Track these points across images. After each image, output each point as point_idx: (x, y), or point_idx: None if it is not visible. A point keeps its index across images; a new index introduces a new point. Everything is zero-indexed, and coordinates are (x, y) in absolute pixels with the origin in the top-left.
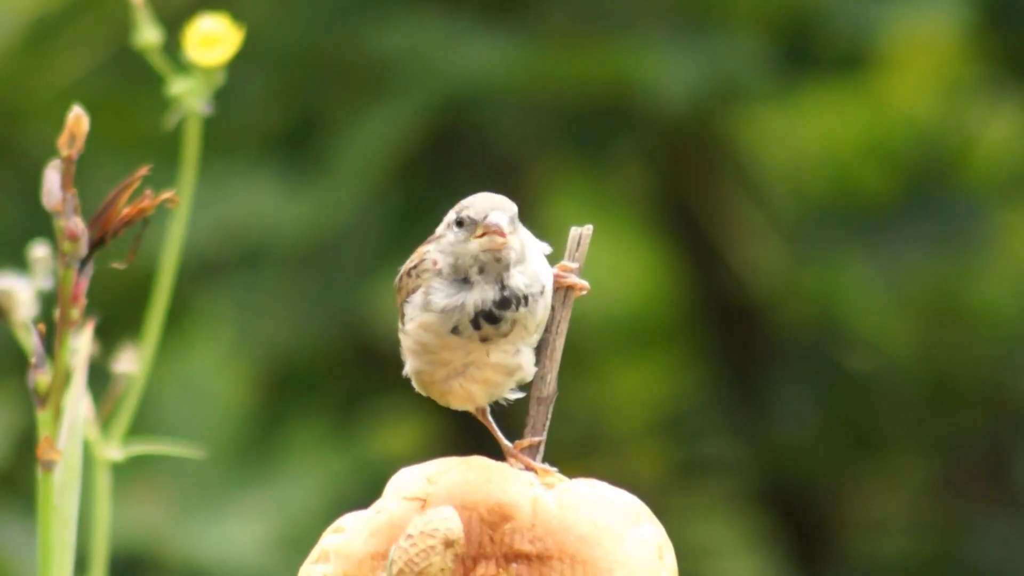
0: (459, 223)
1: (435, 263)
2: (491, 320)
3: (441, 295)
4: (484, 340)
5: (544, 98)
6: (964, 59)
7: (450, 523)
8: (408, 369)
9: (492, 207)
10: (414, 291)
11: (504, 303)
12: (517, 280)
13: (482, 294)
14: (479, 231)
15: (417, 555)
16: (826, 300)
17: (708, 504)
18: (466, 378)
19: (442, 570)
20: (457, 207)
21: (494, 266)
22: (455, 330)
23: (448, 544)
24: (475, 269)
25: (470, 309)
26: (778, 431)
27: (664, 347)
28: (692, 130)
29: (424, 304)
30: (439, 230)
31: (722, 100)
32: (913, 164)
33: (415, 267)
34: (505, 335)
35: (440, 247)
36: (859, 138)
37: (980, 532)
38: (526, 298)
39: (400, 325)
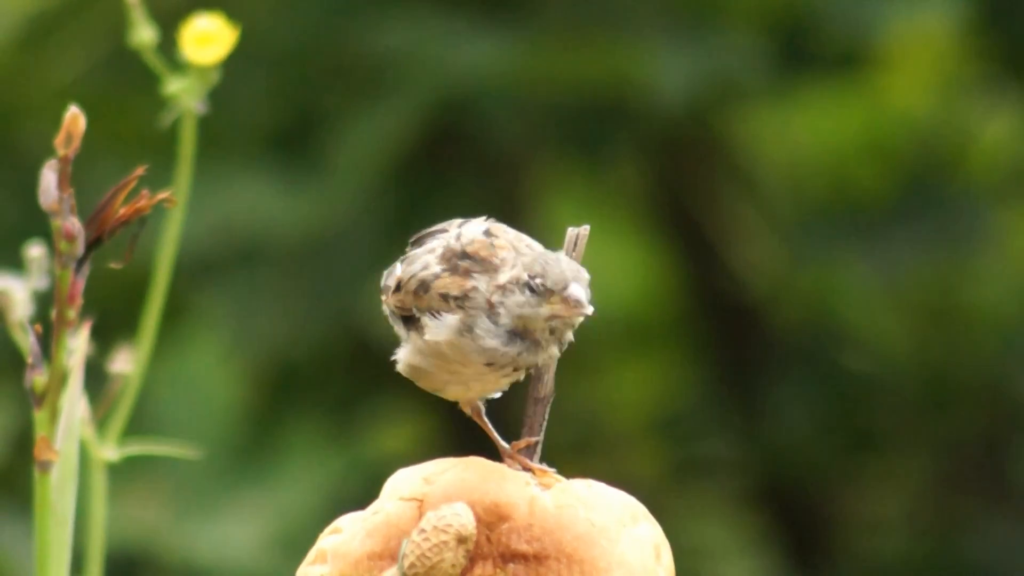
0: (532, 289)
1: (492, 307)
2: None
3: (493, 339)
4: (505, 377)
5: (541, 97)
6: (961, 57)
7: (463, 519)
8: (404, 358)
9: (571, 277)
10: (447, 312)
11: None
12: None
13: (538, 355)
14: (555, 299)
15: (430, 550)
16: (823, 299)
17: (705, 504)
18: (466, 387)
19: (453, 566)
20: (529, 270)
21: (563, 330)
22: (490, 364)
23: (461, 540)
24: (544, 331)
25: (518, 359)
26: (775, 430)
27: (661, 346)
28: (689, 129)
29: (463, 329)
30: (501, 274)
31: (719, 98)
32: (910, 163)
33: (457, 298)
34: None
35: (505, 301)
36: (856, 137)
37: (978, 531)
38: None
39: (387, 295)
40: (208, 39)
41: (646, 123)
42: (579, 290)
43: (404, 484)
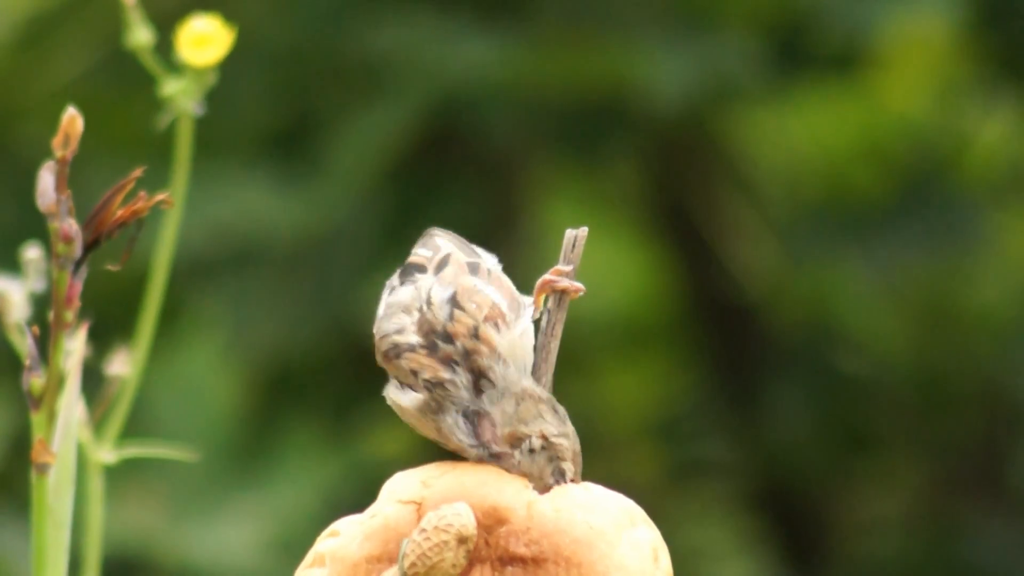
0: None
1: (511, 439)
2: None
3: (464, 437)
4: None
5: (538, 98)
6: (958, 59)
7: (464, 519)
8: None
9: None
10: (412, 386)
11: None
12: None
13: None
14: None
15: (430, 549)
16: (820, 301)
17: (703, 506)
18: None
19: (454, 566)
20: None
21: None
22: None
23: (462, 540)
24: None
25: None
26: (773, 432)
27: (658, 348)
28: (686, 130)
29: (427, 414)
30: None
31: (716, 100)
32: (907, 164)
33: (429, 381)
34: None
35: (515, 458)
36: (853, 138)
37: (975, 533)
38: None
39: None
40: (205, 40)
41: (643, 125)
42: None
43: (402, 487)
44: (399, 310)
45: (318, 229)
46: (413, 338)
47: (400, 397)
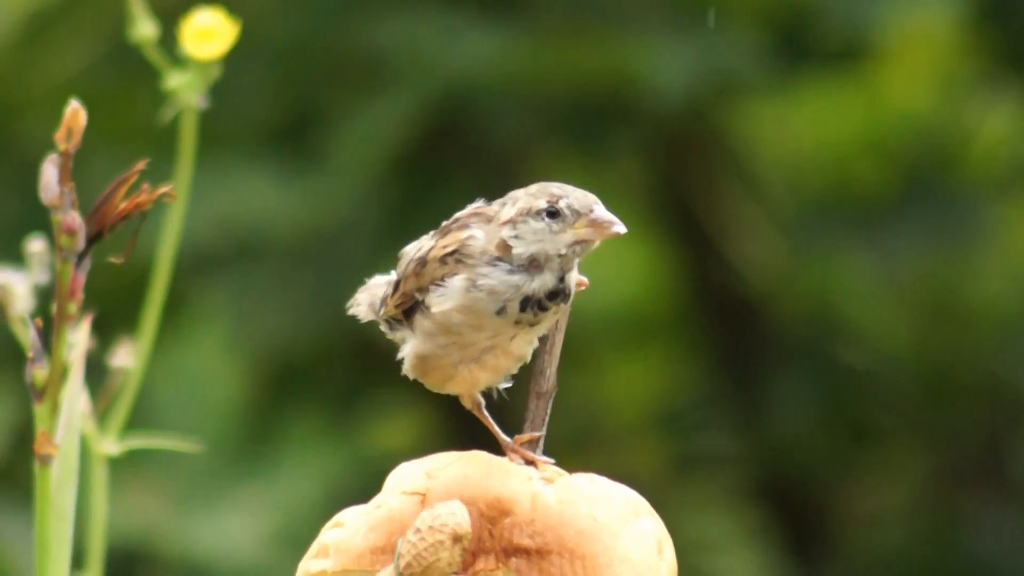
0: (552, 213)
1: (502, 246)
2: (539, 308)
3: (495, 278)
4: (517, 324)
5: (541, 92)
6: (961, 53)
7: (459, 518)
8: (411, 351)
9: (595, 200)
10: (449, 276)
11: (554, 295)
12: (571, 277)
13: (542, 283)
14: (582, 222)
15: (426, 549)
16: (823, 294)
17: (706, 498)
18: (478, 364)
19: (450, 564)
20: (547, 197)
21: (571, 260)
22: (501, 311)
23: (456, 539)
24: (555, 260)
25: (525, 294)
26: (775, 425)
27: (662, 341)
28: (689, 124)
29: (469, 287)
30: (504, 212)
31: (719, 94)
32: (910, 158)
33: (452, 253)
34: (537, 324)
35: (519, 233)
36: (856, 132)
37: (977, 525)
38: (567, 295)
39: (386, 305)
40: (209, 34)
41: (646, 118)
42: (606, 210)
43: (407, 478)
44: (414, 244)
45: (321, 222)
46: (429, 242)
47: (443, 298)
